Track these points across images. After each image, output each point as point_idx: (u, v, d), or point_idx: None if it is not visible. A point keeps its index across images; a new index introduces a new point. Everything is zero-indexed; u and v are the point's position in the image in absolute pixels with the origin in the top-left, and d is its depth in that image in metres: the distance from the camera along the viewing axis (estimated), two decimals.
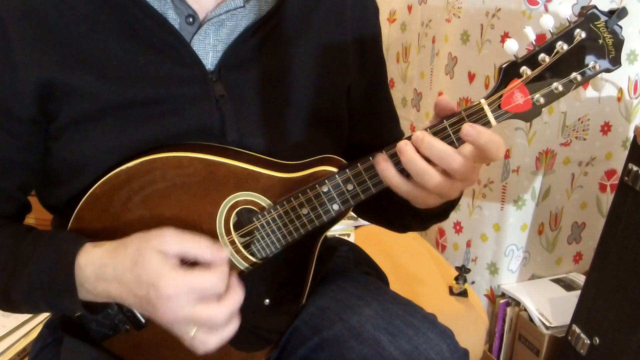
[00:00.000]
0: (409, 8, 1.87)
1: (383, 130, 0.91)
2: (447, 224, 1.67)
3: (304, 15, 0.79)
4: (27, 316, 1.28)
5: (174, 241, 0.66)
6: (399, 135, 0.94)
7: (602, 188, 1.55)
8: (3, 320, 1.26)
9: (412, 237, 1.54)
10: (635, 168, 1.11)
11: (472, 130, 0.62)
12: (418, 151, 0.64)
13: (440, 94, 1.65)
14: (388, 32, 1.95)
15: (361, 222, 1.55)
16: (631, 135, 1.46)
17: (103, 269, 0.66)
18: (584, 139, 1.47)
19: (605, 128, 1.47)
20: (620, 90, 1.43)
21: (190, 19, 0.73)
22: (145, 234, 0.67)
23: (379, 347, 0.72)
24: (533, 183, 1.49)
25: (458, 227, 1.65)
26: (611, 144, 1.49)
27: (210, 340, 0.66)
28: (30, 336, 1.25)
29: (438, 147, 0.63)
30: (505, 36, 1.41)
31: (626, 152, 1.16)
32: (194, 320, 0.65)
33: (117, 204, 0.72)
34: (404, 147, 0.64)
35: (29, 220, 0.79)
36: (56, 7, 0.69)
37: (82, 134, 0.71)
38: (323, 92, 0.80)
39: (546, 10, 1.33)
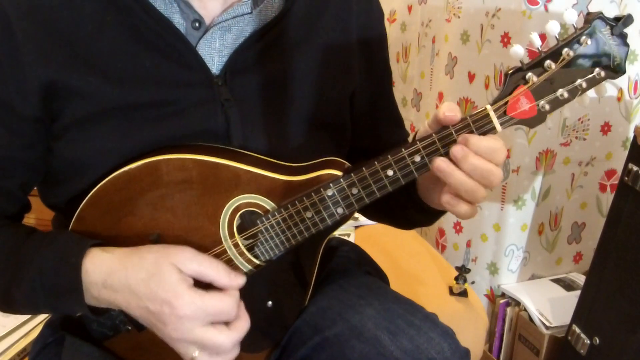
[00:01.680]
0: (409, 8, 1.87)
1: (388, 135, 0.92)
2: (447, 224, 1.67)
3: (309, 21, 0.79)
4: (27, 316, 1.28)
5: (193, 261, 0.66)
6: (404, 138, 0.95)
7: (602, 188, 1.55)
8: (3, 320, 1.25)
9: (412, 237, 1.53)
10: (635, 168, 1.11)
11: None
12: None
13: (440, 94, 1.65)
14: (388, 32, 1.94)
15: (361, 222, 1.55)
16: (631, 135, 1.46)
17: (112, 276, 0.66)
18: (584, 139, 1.47)
19: (605, 128, 1.47)
20: (620, 90, 1.43)
21: (197, 24, 0.73)
22: (163, 247, 0.67)
23: (380, 346, 0.72)
24: (533, 183, 1.49)
25: (458, 227, 1.64)
26: (611, 144, 1.49)
27: None
28: (30, 336, 1.25)
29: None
30: (505, 36, 1.41)
31: (626, 152, 1.16)
32: (201, 343, 0.65)
33: (119, 205, 0.72)
34: (465, 152, 0.64)
35: (29, 220, 0.79)
36: (62, 6, 0.69)
37: (84, 134, 0.70)
38: (327, 98, 0.80)
39: (546, 10, 1.33)
